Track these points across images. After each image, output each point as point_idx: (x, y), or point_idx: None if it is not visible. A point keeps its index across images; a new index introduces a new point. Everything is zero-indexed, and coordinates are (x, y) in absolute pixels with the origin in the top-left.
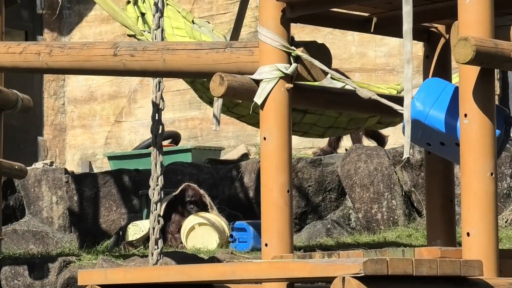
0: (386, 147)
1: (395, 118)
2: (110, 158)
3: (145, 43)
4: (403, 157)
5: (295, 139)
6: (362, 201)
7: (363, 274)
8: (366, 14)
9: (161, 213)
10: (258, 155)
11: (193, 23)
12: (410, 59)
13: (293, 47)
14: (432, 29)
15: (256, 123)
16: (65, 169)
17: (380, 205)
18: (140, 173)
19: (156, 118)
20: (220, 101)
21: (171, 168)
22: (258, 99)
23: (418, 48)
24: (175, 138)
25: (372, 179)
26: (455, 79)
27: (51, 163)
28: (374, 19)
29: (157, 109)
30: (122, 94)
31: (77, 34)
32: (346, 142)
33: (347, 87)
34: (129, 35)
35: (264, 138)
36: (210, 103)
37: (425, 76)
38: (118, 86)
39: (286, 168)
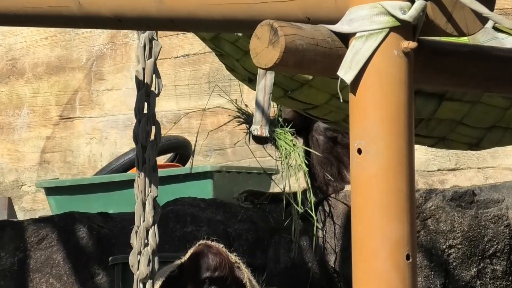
0: None
1: None
2: (50, 191)
3: None
4: None
5: (420, 152)
6: None
7: None
8: None
9: None
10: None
11: None
12: None
13: None
14: None
15: (342, 121)
16: None
17: None
18: (111, 221)
19: (145, 111)
20: (271, 77)
21: (174, 210)
22: (346, 72)
23: None
24: (182, 150)
25: None
26: None
27: None
28: None
29: (145, 93)
30: (74, 63)
31: None
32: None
33: None
34: None
35: (359, 151)
36: (251, 81)
37: None
38: (66, 49)
39: (404, 209)
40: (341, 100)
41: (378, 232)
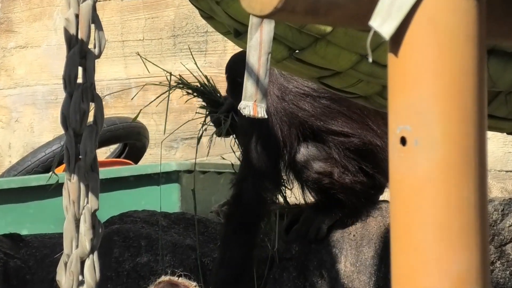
0: None
1: None
2: None
3: None
4: None
5: (497, 142)
6: None
7: None
8: None
9: None
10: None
11: None
12: None
13: None
14: None
15: (376, 95)
16: None
17: None
18: (26, 247)
19: (79, 80)
20: (269, 29)
21: (122, 230)
22: (384, 22)
23: None
24: (134, 139)
25: None
26: None
27: None
28: None
29: (79, 53)
30: None
31: None
32: None
33: None
34: None
35: (403, 140)
36: (239, 34)
37: None
38: None
39: (470, 229)
40: (374, 63)
41: (431, 264)
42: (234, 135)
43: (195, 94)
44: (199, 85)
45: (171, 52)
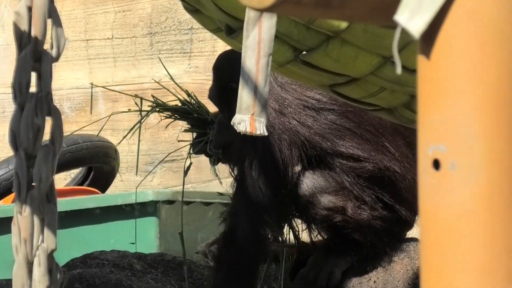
0: None
1: None
2: None
3: None
4: None
5: None
6: None
7: None
8: None
9: None
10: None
11: None
12: None
13: None
14: None
15: (403, 107)
16: None
17: None
18: None
19: (33, 89)
20: (269, 25)
21: (85, 275)
22: (412, 16)
23: None
24: (100, 162)
25: None
26: None
27: None
28: None
29: (33, 54)
30: None
31: None
32: None
33: None
34: None
35: (435, 164)
36: (231, 31)
37: None
38: None
39: None
40: (399, 69)
41: None
42: (228, 163)
43: (176, 116)
44: (179, 104)
45: (147, 54)
